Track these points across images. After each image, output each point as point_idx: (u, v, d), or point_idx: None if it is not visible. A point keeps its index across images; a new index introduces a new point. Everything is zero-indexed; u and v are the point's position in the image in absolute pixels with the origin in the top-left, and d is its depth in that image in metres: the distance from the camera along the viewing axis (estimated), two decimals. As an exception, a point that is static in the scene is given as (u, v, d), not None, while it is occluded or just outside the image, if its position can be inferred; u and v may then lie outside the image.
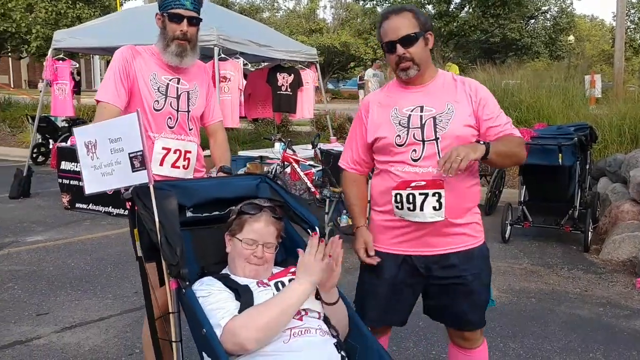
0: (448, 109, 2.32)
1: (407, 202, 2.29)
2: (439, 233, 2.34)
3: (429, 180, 2.27)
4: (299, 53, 9.16)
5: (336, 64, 33.39)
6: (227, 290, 2.04)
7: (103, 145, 2.15)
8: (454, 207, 2.30)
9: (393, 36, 2.30)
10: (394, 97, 2.42)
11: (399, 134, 2.34)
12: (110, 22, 8.91)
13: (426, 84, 2.39)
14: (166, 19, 2.69)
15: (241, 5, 29.55)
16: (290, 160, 7.29)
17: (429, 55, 2.39)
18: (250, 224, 2.19)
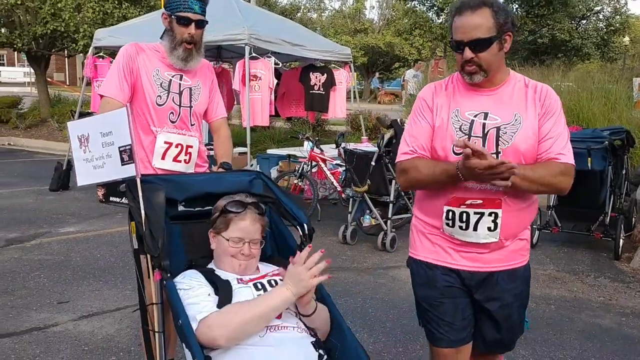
0: (515, 120, 2.06)
1: (460, 220, 2.10)
2: (491, 251, 2.17)
3: (487, 198, 2.06)
4: (332, 53, 9.16)
5: (380, 64, 33.24)
6: (207, 285, 2.07)
7: (95, 139, 2.22)
8: (509, 228, 2.12)
9: (463, 36, 2.04)
10: (457, 96, 2.17)
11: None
12: (150, 21, 9.11)
13: (496, 88, 2.13)
14: (174, 21, 2.74)
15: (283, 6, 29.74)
16: (317, 159, 7.32)
17: (501, 59, 2.11)
18: (235, 222, 2.20)
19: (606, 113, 8.88)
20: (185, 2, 2.71)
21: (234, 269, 2.18)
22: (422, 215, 2.28)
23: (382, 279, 5.16)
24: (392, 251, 5.99)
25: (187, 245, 2.38)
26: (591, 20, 24.19)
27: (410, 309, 4.44)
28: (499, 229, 2.09)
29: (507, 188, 1.98)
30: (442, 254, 2.22)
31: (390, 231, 6.02)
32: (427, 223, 2.24)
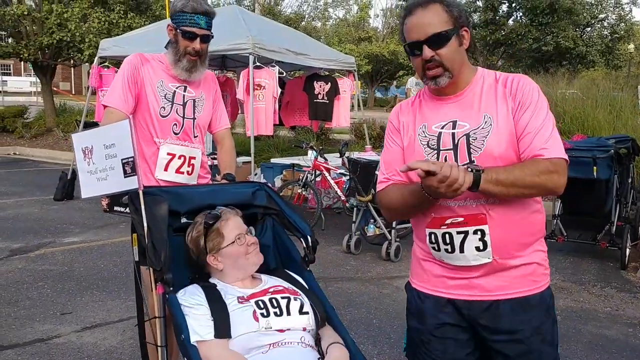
0: (485, 122, 1.83)
1: (444, 242, 1.86)
2: (489, 275, 1.88)
3: (468, 215, 1.82)
4: (336, 61, 9.16)
5: (384, 73, 33.30)
6: (206, 306, 2.04)
7: (99, 151, 2.21)
8: (504, 245, 1.84)
9: (418, 35, 1.84)
10: (423, 110, 1.97)
11: (428, 157, 1.89)
12: (156, 30, 9.15)
13: (462, 92, 1.91)
14: (179, 34, 2.74)
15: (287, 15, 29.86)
16: (321, 168, 7.31)
17: (463, 56, 1.91)
18: (225, 227, 2.21)
19: (611, 121, 8.85)
20: (192, 17, 2.71)
21: (256, 263, 2.20)
22: (417, 240, 2.05)
23: (386, 289, 5.13)
24: (397, 261, 5.96)
25: (190, 258, 2.36)
26: (595, 28, 24.17)
27: (415, 319, 4.42)
28: (490, 247, 1.83)
29: (489, 200, 1.80)
30: (433, 282, 1.98)
31: (394, 240, 6.00)
32: (421, 248, 2.01)
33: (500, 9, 19.84)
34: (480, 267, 1.87)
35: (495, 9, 19.47)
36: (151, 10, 15.29)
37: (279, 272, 2.32)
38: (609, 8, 24.40)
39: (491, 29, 18.92)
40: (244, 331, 1.98)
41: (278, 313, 2.05)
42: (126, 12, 14.29)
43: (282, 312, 2.06)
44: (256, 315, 2.02)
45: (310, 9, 34.48)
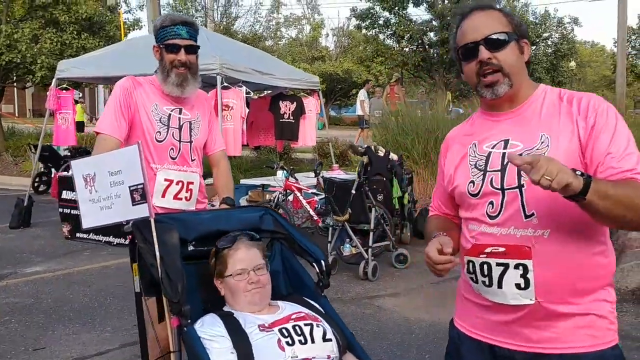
0: (541, 143, 1.63)
1: (482, 274, 1.66)
2: (533, 322, 1.64)
3: (510, 245, 1.61)
4: (301, 81, 9.18)
5: (338, 91, 33.60)
6: (227, 337, 1.96)
7: (102, 178, 2.11)
8: (552, 287, 1.60)
9: (476, 35, 1.68)
10: (475, 129, 1.81)
11: (473, 179, 1.72)
12: (114, 52, 8.96)
13: (519, 107, 1.72)
14: (163, 50, 2.67)
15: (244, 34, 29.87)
16: (292, 188, 7.24)
17: (524, 67, 1.73)
18: (231, 256, 2.15)
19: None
20: (172, 29, 2.65)
21: (251, 303, 2.10)
22: (461, 270, 1.84)
23: (368, 310, 5.09)
24: (374, 280, 5.93)
25: (201, 286, 2.27)
26: (540, 46, 25.14)
27: (402, 339, 4.39)
28: (533, 286, 1.60)
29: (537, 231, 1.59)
30: (473, 322, 1.78)
31: (371, 259, 5.98)
32: (465, 281, 1.82)
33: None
34: (522, 309, 1.63)
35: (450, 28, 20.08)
36: (105, 30, 14.97)
37: (295, 298, 2.25)
38: (552, 27, 25.46)
39: (447, 48, 19.48)
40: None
41: (303, 341, 1.98)
42: (79, 32, 13.93)
43: (306, 340, 1.99)
44: (281, 344, 1.94)
45: (262, 28, 34.56)
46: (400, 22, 20.08)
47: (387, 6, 19.94)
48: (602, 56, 40.47)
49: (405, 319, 4.76)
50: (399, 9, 20.04)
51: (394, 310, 4.99)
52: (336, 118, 36.87)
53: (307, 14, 37.32)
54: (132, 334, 4.44)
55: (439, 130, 9.47)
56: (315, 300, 2.28)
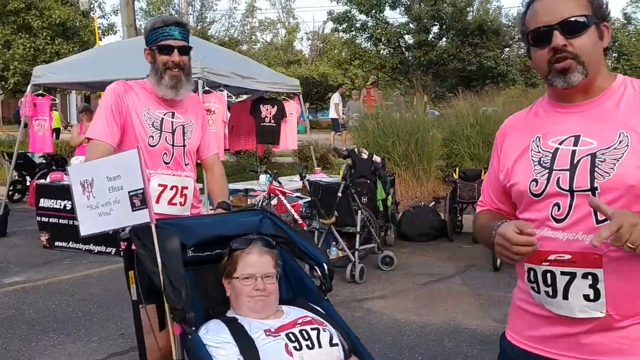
0: (619, 142, 1.46)
1: (545, 283, 1.50)
2: (601, 334, 1.50)
3: (577, 253, 1.44)
4: (281, 85, 9.15)
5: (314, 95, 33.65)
6: (233, 343, 1.93)
7: (100, 184, 2.06)
8: (624, 299, 1.46)
9: (550, 17, 1.49)
10: (540, 120, 1.63)
11: (537, 177, 1.55)
12: (90, 57, 8.84)
13: (593, 100, 1.54)
14: (156, 52, 2.63)
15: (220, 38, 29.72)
16: (276, 192, 7.19)
17: (601, 56, 1.55)
18: (243, 259, 2.12)
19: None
20: (164, 30, 2.60)
21: (252, 310, 2.07)
22: (519, 278, 1.69)
23: (358, 312, 5.07)
24: (362, 282, 5.91)
25: (202, 292, 2.23)
26: (514, 48, 25.46)
27: (393, 341, 4.38)
28: (603, 298, 1.44)
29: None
30: (531, 335, 1.63)
31: (358, 262, 5.96)
32: (521, 289, 1.67)
33: (432, 30, 20.63)
34: (590, 322, 1.48)
35: (428, 31, 20.23)
36: (79, 36, 14.75)
37: (299, 302, 2.22)
38: (524, 29, 25.82)
39: (425, 50, 19.61)
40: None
41: (310, 346, 1.95)
42: (53, 38, 13.71)
43: (313, 344, 1.96)
44: (289, 349, 1.91)
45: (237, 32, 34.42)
46: (377, 25, 20.18)
47: (364, 9, 20.01)
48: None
49: (395, 321, 4.76)
50: (375, 12, 20.13)
51: (383, 313, 4.99)
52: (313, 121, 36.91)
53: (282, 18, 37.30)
54: (120, 344, 4.36)
55: (419, 132, 9.52)
56: (318, 304, 2.25)
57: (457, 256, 6.81)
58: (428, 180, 9.48)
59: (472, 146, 9.49)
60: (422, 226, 7.58)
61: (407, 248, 7.26)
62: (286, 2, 36.77)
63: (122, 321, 4.79)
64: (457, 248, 7.20)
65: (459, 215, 7.79)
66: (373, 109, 12.60)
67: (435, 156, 9.65)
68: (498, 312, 4.93)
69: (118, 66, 7.61)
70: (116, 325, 4.74)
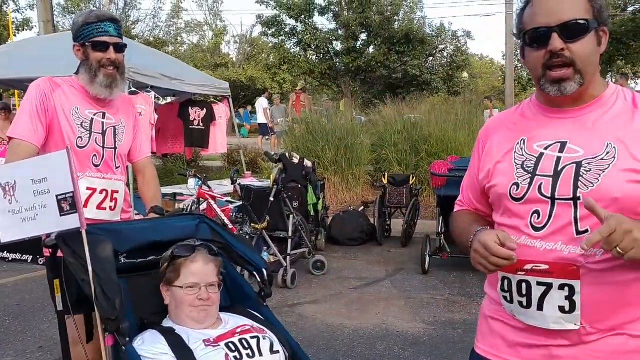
0: (607, 153, 1.42)
1: (519, 293, 1.45)
2: (575, 347, 1.45)
3: (555, 263, 1.41)
4: (211, 87, 9.00)
5: (242, 99, 33.38)
6: (170, 354, 1.85)
7: (24, 187, 1.92)
8: (601, 311, 1.42)
9: (548, 19, 1.43)
10: (527, 122, 1.57)
11: (518, 181, 1.50)
12: (4, 53, 8.38)
13: (583, 107, 1.49)
14: (89, 48, 2.49)
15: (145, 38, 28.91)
16: (206, 196, 7.05)
17: (597, 63, 1.49)
18: (186, 267, 2.04)
19: (470, 143, 9.60)
20: (99, 26, 2.47)
21: (194, 320, 1.99)
22: (487, 288, 1.67)
23: (290, 318, 5.03)
24: (293, 287, 5.88)
25: (136, 301, 2.13)
26: (437, 58, 26.33)
27: (327, 345, 4.38)
28: (578, 310, 1.40)
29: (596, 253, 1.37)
30: (502, 349, 1.57)
31: (289, 267, 5.93)
32: (491, 301, 1.63)
33: (360, 37, 21.00)
34: (563, 334, 1.44)
35: (356, 38, 20.57)
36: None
37: (238, 309, 2.16)
38: (447, 40, 26.75)
39: (353, 57, 19.93)
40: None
41: (250, 355, 1.90)
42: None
43: (254, 353, 1.92)
44: (229, 359, 1.85)
45: (162, 34, 33.60)
46: (307, 31, 20.33)
47: (294, 14, 20.12)
48: (491, 68, 43.07)
49: (328, 325, 4.76)
50: (305, 17, 20.28)
51: (315, 317, 4.97)
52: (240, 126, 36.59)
53: (210, 20, 36.77)
54: (38, 357, 4.12)
55: (349, 138, 9.64)
56: (258, 310, 2.21)
57: (386, 260, 6.91)
58: (357, 185, 9.60)
59: (399, 152, 9.70)
60: (352, 230, 7.64)
61: (338, 252, 7.30)
62: (213, 4, 36.29)
63: (40, 333, 4.53)
64: (386, 252, 7.30)
65: (387, 219, 7.91)
66: (301, 114, 12.64)
67: (364, 161, 9.80)
68: (428, 315, 5.03)
69: (35, 63, 7.24)
70: (34, 337, 4.48)
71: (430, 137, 9.53)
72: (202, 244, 2.13)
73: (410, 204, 7.57)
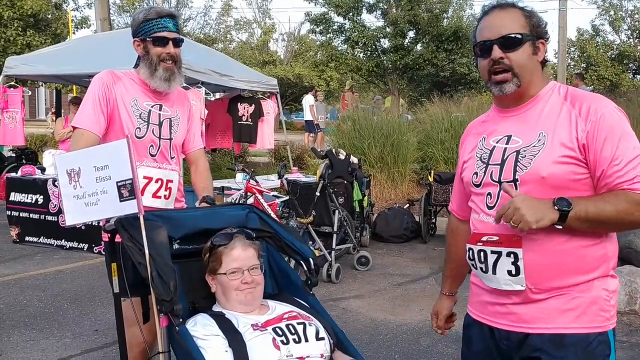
0: (538, 141, 1.71)
1: (479, 260, 1.76)
2: (525, 305, 1.74)
3: (503, 235, 1.71)
4: (259, 83, 9.14)
5: (289, 96, 33.61)
6: (222, 336, 1.93)
7: (87, 174, 2.04)
8: (542, 273, 1.69)
9: (490, 34, 1.74)
10: (488, 123, 1.91)
11: (477, 170, 1.84)
12: (64, 50, 8.73)
13: (524, 105, 1.79)
14: (149, 43, 2.60)
15: (196, 35, 29.48)
16: (253, 190, 7.17)
17: (536, 67, 1.77)
18: (227, 254, 2.11)
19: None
20: (159, 22, 2.58)
21: (242, 303, 2.07)
22: None
23: (334, 311, 5.08)
24: (338, 282, 5.94)
25: (187, 286, 2.21)
26: (486, 55, 25.89)
27: (370, 340, 4.41)
28: (522, 273, 1.69)
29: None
30: (477, 306, 1.89)
31: (334, 262, 5.99)
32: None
33: (408, 35, 20.85)
34: (515, 293, 1.73)
35: (404, 35, 20.43)
36: (51, 28, 14.46)
37: (285, 297, 2.22)
38: (497, 37, 26.25)
39: (401, 54, 19.80)
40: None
41: (297, 340, 1.96)
42: (24, 29, 13.42)
43: (300, 338, 1.97)
44: (276, 343, 1.92)
45: (212, 31, 34.15)
46: (354, 28, 20.28)
47: (342, 12, 20.10)
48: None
49: (372, 320, 4.79)
50: (353, 15, 20.24)
51: (359, 312, 5.02)
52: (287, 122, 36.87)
53: (258, 18, 37.15)
54: (94, 340, 4.30)
55: (395, 135, 9.61)
56: (304, 298, 2.26)
57: (431, 258, 6.88)
58: (402, 183, 9.57)
59: (446, 150, 9.62)
60: (396, 228, 7.64)
61: (382, 249, 7.31)
62: (262, 2, 36.64)
63: (95, 317, 4.72)
64: (430, 250, 7.28)
65: (433, 217, 7.87)
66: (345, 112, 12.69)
67: (410, 159, 9.75)
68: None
69: (94, 60, 7.52)
70: (90, 321, 4.67)
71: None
72: (238, 230, 2.20)
73: (423, 199, 7.51)
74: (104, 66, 2.80)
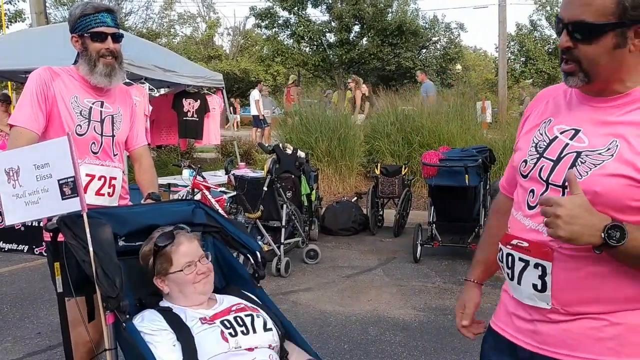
0: (607, 149, 1.39)
1: (507, 265, 1.52)
2: (551, 325, 1.48)
3: (533, 242, 1.45)
4: (204, 79, 9.05)
5: (235, 91, 33.36)
6: (170, 330, 1.94)
7: (27, 172, 2.00)
8: (573, 295, 1.43)
9: (565, 12, 1.41)
10: (561, 101, 1.57)
11: (527, 159, 1.54)
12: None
13: (610, 99, 1.45)
14: (87, 39, 2.56)
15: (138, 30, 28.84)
16: (200, 186, 7.12)
17: (622, 63, 1.39)
18: (175, 252, 2.11)
19: (462, 134, 9.71)
20: (96, 17, 2.55)
21: (202, 293, 2.09)
22: None
23: (284, 305, 5.12)
24: (287, 276, 5.98)
25: (133, 282, 2.20)
26: (430, 50, 26.41)
27: (319, 331, 4.48)
28: (549, 291, 1.44)
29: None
30: (501, 317, 1.64)
31: (283, 256, 6.02)
32: None
33: (353, 29, 21.06)
34: (544, 312, 1.48)
35: (350, 30, 20.63)
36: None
37: (232, 290, 2.25)
38: (440, 32, 26.84)
39: (346, 48, 20.00)
40: (214, 353, 1.90)
41: (245, 332, 1.99)
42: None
43: (248, 330, 2.00)
44: (224, 336, 1.95)
45: (155, 25, 33.51)
46: (300, 23, 20.34)
47: (287, 6, 20.12)
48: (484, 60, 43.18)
49: (321, 312, 4.86)
50: (298, 9, 20.28)
51: (308, 305, 5.07)
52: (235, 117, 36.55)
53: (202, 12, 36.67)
54: (37, 343, 4.20)
55: (342, 129, 9.72)
56: (251, 291, 2.29)
57: (379, 249, 7.01)
58: (350, 176, 9.69)
59: (392, 143, 9.79)
60: (345, 221, 7.73)
61: (331, 242, 7.39)
62: (206, -4, 36.20)
63: (38, 320, 4.61)
64: (378, 241, 7.41)
65: (380, 210, 8.01)
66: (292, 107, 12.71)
67: (357, 152, 9.88)
68: (419, 301, 5.14)
69: (30, 55, 7.27)
70: (32, 324, 4.55)
71: (423, 129, 9.63)
72: (176, 227, 2.20)
73: (403, 194, 7.67)
74: (41, 62, 2.74)
